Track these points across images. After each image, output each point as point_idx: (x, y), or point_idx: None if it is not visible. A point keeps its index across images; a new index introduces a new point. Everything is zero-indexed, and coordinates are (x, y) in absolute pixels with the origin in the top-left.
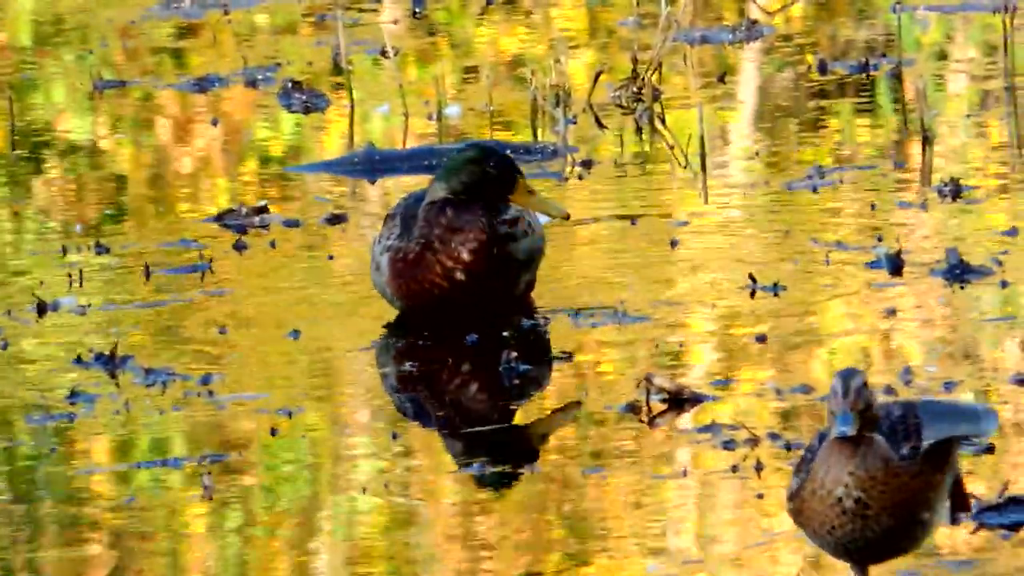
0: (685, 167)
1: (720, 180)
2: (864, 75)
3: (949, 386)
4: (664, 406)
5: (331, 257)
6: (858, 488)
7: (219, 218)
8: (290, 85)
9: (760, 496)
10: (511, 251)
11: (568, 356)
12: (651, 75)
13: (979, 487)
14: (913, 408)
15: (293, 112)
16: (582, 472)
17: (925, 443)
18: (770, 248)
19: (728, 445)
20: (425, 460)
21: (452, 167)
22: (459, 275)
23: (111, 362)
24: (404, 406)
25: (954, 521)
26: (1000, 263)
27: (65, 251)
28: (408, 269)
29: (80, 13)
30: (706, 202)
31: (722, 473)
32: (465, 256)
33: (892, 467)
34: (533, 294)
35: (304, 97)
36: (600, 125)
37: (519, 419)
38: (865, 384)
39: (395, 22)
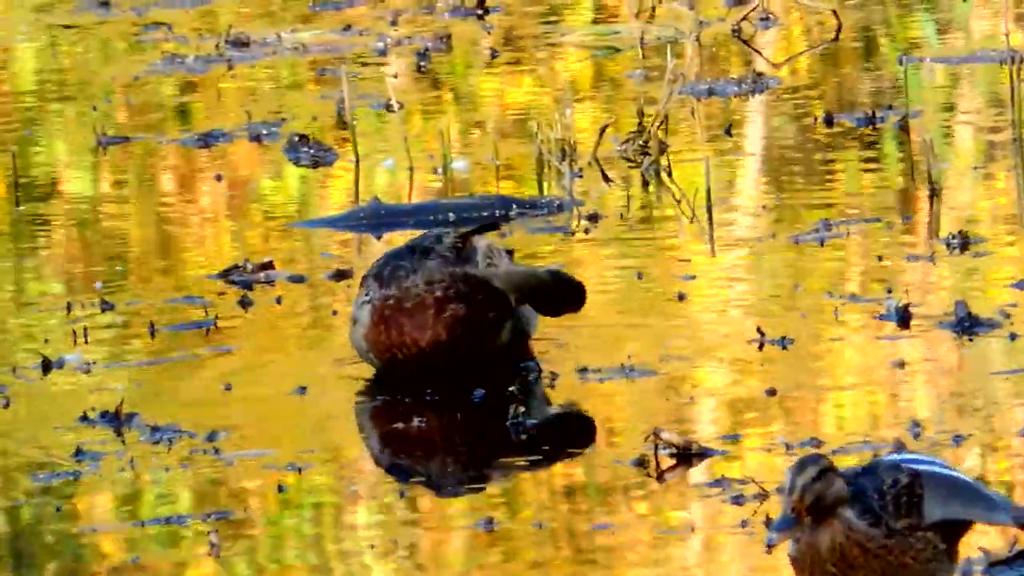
0: (692, 220)
1: (727, 233)
2: (871, 127)
3: (958, 439)
4: (673, 461)
5: (335, 313)
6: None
7: (224, 274)
8: (297, 139)
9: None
10: (486, 277)
11: (576, 411)
12: (657, 128)
13: (990, 541)
14: (919, 479)
15: (301, 166)
16: (591, 527)
17: (928, 520)
18: (778, 301)
19: (737, 500)
20: (433, 516)
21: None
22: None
23: (117, 419)
24: (412, 462)
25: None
26: (1008, 315)
27: (70, 308)
28: (394, 317)
29: (83, 69)
30: (713, 255)
31: (731, 528)
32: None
33: (873, 549)
34: (538, 349)
35: (312, 151)
36: (606, 179)
37: (527, 475)
38: (821, 474)
39: (395, 76)
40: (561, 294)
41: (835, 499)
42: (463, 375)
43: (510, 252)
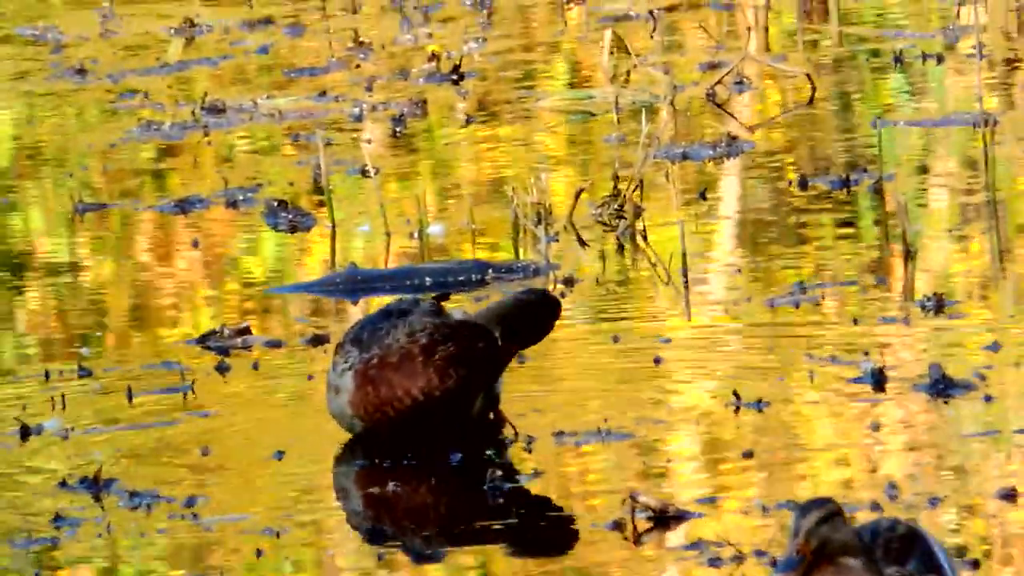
0: (667, 284)
1: (702, 296)
2: (845, 190)
3: (934, 501)
4: (650, 524)
5: (311, 377)
6: None
7: (201, 340)
8: (276, 204)
9: None
10: (466, 318)
11: (553, 474)
12: (632, 192)
13: None
14: (918, 536)
15: (280, 231)
16: None
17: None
18: (754, 364)
19: (714, 562)
20: None
21: None
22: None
23: (95, 485)
24: (389, 526)
25: None
26: (983, 377)
27: (48, 375)
28: (380, 375)
29: (60, 136)
30: (689, 319)
31: None
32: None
33: None
34: (515, 412)
35: (290, 216)
36: (582, 243)
37: (504, 538)
38: (827, 518)
39: (369, 141)
40: (542, 307)
41: (841, 545)
42: (450, 428)
43: None
